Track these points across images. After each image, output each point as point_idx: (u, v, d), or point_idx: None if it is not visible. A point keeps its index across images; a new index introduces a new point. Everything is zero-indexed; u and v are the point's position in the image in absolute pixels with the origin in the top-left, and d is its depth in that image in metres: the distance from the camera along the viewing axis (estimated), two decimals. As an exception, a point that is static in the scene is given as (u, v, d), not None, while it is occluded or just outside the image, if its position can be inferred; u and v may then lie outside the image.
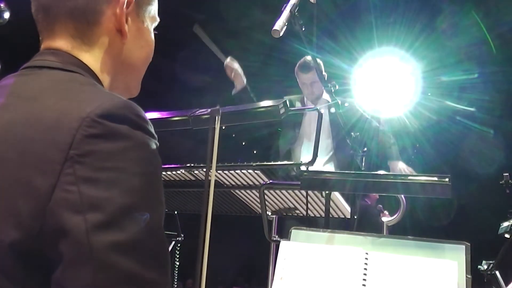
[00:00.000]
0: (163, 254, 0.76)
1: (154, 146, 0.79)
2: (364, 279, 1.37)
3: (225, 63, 3.33)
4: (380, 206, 3.70)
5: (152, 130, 0.81)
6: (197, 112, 2.07)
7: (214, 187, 2.47)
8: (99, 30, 0.90)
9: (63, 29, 0.89)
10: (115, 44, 0.92)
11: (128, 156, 0.75)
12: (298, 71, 3.53)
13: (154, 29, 1.02)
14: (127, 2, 0.91)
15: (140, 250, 0.72)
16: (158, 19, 1.02)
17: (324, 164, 3.52)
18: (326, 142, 3.54)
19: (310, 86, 3.45)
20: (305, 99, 3.60)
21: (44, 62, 0.87)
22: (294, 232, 1.55)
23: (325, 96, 3.44)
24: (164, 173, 2.34)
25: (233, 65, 3.32)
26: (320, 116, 2.20)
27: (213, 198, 2.64)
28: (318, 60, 3.62)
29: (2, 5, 0.86)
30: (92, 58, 0.90)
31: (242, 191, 2.44)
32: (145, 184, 0.75)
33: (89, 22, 0.89)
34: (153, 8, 1.00)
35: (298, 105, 3.53)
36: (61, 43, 0.89)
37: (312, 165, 2.15)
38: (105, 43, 0.91)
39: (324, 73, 3.66)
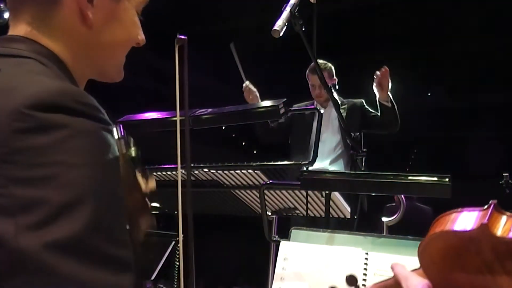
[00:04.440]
0: (114, 251, 0.68)
1: (102, 133, 0.71)
2: (364, 279, 1.37)
3: (244, 85, 3.57)
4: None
5: (102, 115, 0.73)
6: (197, 112, 2.07)
7: (214, 187, 2.48)
8: (60, 12, 0.84)
9: (24, 13, 0.84)
10: (79, 27, 0.86)
11: (65, 147, 0.67)
12: (308, 72, 3.62)
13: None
14: None
15: (82, 249, 0.64)
16: (146, 0, 0.94)
17: (331, 162, 3.53)
18: (334, 140, 3.57)
19: (318, 88, 3.55)
20: (315, 104, 3.64)
21: None
22: (294, 232, 1.55)
23: (335, 97, 3.47)
24: (164, 173, 2.34)
25: (252, 88, 3.57)
26: (320, 116, 2.20)
27: (213, 198, 2.65)
28: (329, 64, 3.68)
29: (2, 5, 0.85)
30: (55, 43, 0.84)
31: (242, 191, 2.44)
32: (89, 175, 0.67)
33: (49, 3, 0.84)
34: None
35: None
36: (22, 27, 0.84)
37: (312, 165, 2.15)
38: (69, 26, 0.85)
39: (334, 77, 3.69)
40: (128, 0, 0.90)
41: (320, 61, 3.58)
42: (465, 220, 0.76)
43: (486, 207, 0.76)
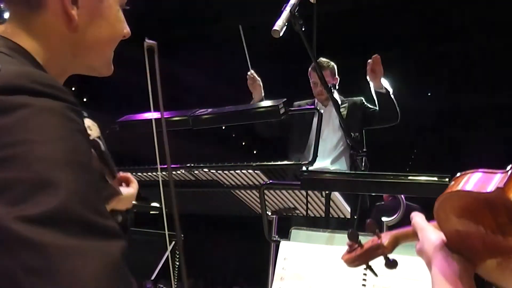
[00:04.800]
0: (98, 220, 0.66)
1: (65, 110, 0.71)
2: (364, 279, 1.37)
3: (249, 73, 3.54)
4: None
5: (67, 96, 0.73)
6: (197, 112, 2.07)
7: (214, 187, 2.48)
8: (43, 14, 0.85)
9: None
10: (63, 26, 0.86)
11: (29, 125, 0.67)
12: (310, 70, 3.62)
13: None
14: None
15: (65, 220, 0.63)
16: None
17: (333, 161, 3.53)
18: (335, 138, 3.57)
19: (320, 86, 3.54)
20: (315, 102, 3.64)
21: None
22: (294, 232, 1.55)
23: (336, 96, 3.47)
24: (164, 173, 2.34)
25: (256, 77, 3.54)
26: (320, 115, 2.20)
27: (213, 198, 2.65)
28: (332, 63, 3.69)
29: (2, 5, 0.85)
30: (31, 42, 0.85)
31: (242, 191, 2.44)
32: (56, 150, 0.67)
33: (31, 5, 0.84)
34: None
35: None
36: (2, 26, 0.85)
37: (312, 164, 2.15)
38: (52, 27, 0.86)
39: (336, 76, 3.69)
40: None
41: (323, 59, 3.62)
42: (483, 181, 0.77)
43: (505, 170, 0.77)
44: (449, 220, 0.84)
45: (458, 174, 0.83)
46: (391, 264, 1.03)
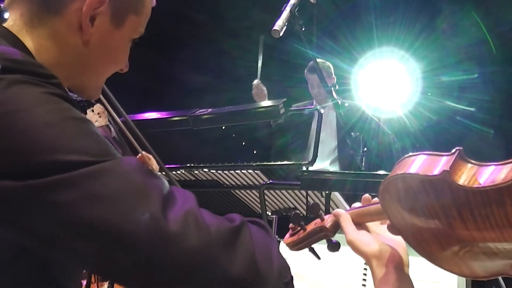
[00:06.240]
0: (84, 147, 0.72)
1: (39, 82, 0.73)
2: (364, 279, 1.37)
3: (256, 82, 3.58)
4: None
5: (42, 70, 0.75)
6: (197, 112, 2.07)
7: (214, 187, 2.48)
8: (58, 20, 0.87)
9: (17, 7, 0.88)
10: (73, 39, 0.88)
11: (4, 99, 0.70)
12: (306, 72, 3.63)
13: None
14: (98, 1, 0.87)
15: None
16: (141, 31, 0.96)
17: (331, 163, 3.54)
18: (332, 144, 3.57)
19: (317, 87, 3.54)
20: (314, 103, 3.64)
21: None
22: (294, 232, 1.55)
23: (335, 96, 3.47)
24: (164, 173, 2.34)
25: (262, 86, 3.59)
26: (320, 116, 2.20)
27: (213, 198, 2.65)
28: (327, 63, 3.68)
29: (2, 5, 0.86)
30: (34, 43, 0.87)
31: (242, 191, 2.44)
32: (37, 115, 0.70)
33: (49, 9, 0.86)
34: (139, 19, 0.94)
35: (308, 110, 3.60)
36: (11, 20, 0.87)
37: (312, 165, 2.15)
38: (61, 34, 0.87)
39: (333, 76, 3.69)
40: (128, 29, 0.93)
41: (318, 60, 3.58)
42: (428, 164, 0.76)
43: (451, 153, 0.76)
44: (393, 204, 0.83)
45: (404, 157, 0.82)
46: (334, 246, 1.01)
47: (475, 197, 0.70)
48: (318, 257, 1.08)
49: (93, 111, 1.27)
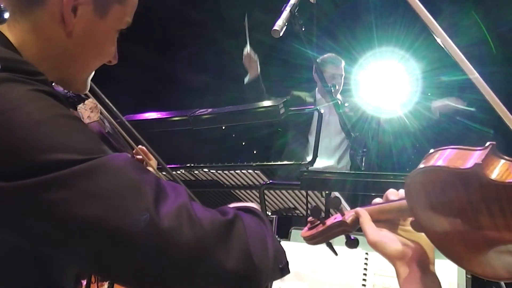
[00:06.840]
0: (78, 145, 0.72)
1: (23, 79, 0.73)
2: (364, 279, 1.37)
3: (246, 51, 3.46)
4: None
5: (27, 67, 0.75)
6: (197, 112, 2.07)
7: (214, 187, 2.47)
8: (40, 12, 0.85)
9: None
10: (56, 31, 0.87)
11: None
12: (329, 63, 3.59)
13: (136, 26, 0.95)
14: None
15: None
16: (128, 21, 0.94)
17: (339, 160, 3.53)
18: (338, 137, 3.56)
19: (340, 78, 3.56)
20: (316, 94, 3.65)
21: None
22: (294, 232, 1.55)
23: (338, 96, 3.49)
24: (164, 173, 2.34)
25: (253, 54, 3.49)
26: (320, 116, 2.20)
27: (213, 198, 2.64)
28: (333, 55, 3.69)
29: (2, 5, 0.85)
30: (20, 38, 0.86)
31: (242, 191, 2.44)
32: (28, 113, 0.71)
33: (30, 1, 0.85)
34: (124, 9, 0.92)
35: (310, 100, 3.60)
36: None
37: (312, 165, 2.15)
38: (44, 27, 0.86)
39: (341, 66, 3.71)
40: (112, 19, 0.91)
41: (328, 54, 3.63)
42: (458, 158, 0.75)
43: (483, 147, 0.75)
44: (419, 198, 0.81)
45: (432, 151, 0.80)
46: (352, 243, 1.00)
47: (507, 192, 0.69)
48: (336, 253, 1.07)
49: (84, 106, 1.26)
